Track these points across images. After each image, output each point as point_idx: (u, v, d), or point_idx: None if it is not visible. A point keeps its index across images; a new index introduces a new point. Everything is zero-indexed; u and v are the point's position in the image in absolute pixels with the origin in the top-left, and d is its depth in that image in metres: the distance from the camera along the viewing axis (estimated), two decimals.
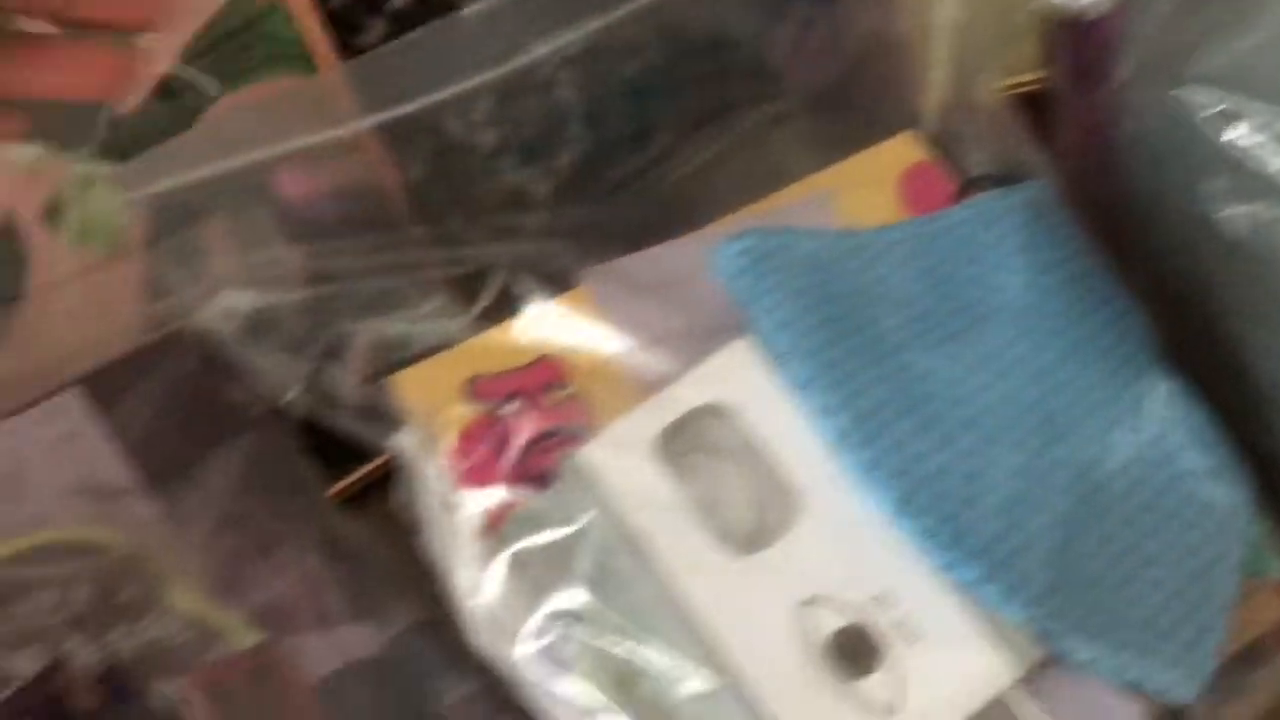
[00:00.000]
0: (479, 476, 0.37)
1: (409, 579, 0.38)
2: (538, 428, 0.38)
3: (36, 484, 0.38)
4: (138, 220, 0.43)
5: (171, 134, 0.42)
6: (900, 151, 0.43)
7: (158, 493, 0.38)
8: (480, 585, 0.37)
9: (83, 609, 0.36)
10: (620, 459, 0.36)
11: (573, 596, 0.35)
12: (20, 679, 0.35)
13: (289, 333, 0.37)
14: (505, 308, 0.40)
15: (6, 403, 0.39)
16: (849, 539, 0.35)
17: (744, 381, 0.36)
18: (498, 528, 0.37)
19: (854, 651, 0.34)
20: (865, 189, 0.42)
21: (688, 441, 0.36)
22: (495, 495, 0.37)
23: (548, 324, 0.40)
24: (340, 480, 0.44)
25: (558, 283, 0.40)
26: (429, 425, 0.38)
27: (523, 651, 0.35)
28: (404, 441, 0.39)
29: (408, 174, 0.41)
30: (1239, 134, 0.35)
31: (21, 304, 0.42)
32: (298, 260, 0.38)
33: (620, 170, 0.39)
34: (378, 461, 0.44)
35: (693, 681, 0.34)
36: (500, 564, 0.36)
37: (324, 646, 0.37)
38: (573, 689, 0.35)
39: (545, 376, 0.39)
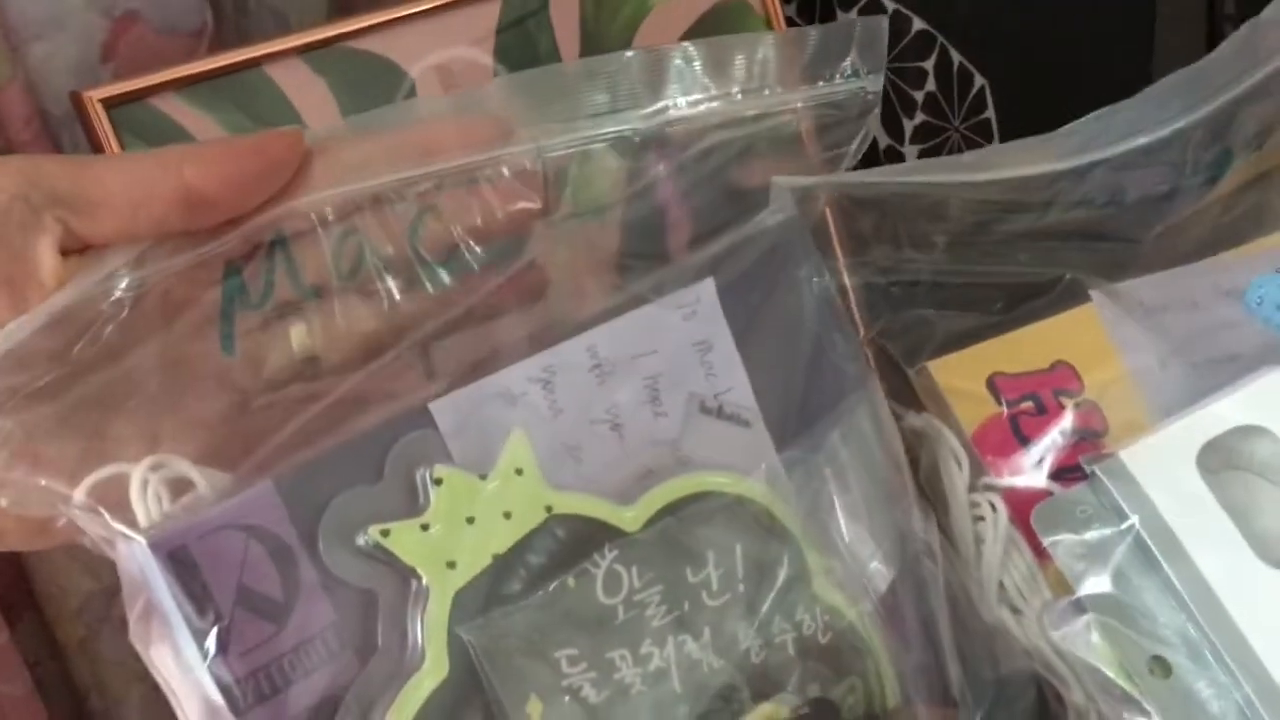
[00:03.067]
0: (1006, 465, 0.40)
1: None
2: (1058, 428, 0.41)
3: (672, 397, 0.35)
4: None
5: None
6: None
7: (780, 444, 0.36)
8: (1006, 564, 0.40)
9: (745, 588, 0.34)
10: (1162, 466, 0.38)
11: (1103, 586, 0.38)
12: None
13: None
14: (1026, 315, 0.43)
15: None
16: None
17: None
18: (1020, 513, 0.39)
19: None
20: None
21: (1222, 458, 0.39)
22: (1018, 482, 0.40)
23: (1063, 333, 0.42)
24: None
25: (1073, 297, 0.43)
26: (958, 412, 0.41)
27: (1046, 630, 0.38)
28: (929, 421, 0.42)
29: None
30: None
31: None
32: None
33: (1183, 206, 0.42)
34: None
35: (1220, 679, 0.36)
36: (1027, 548, 0.39)
37: None
38: (1095, 669, 0.38)
39: (1060, 382, 0.42)
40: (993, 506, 0.40)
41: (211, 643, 0.29)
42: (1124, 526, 0.38)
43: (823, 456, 0.36)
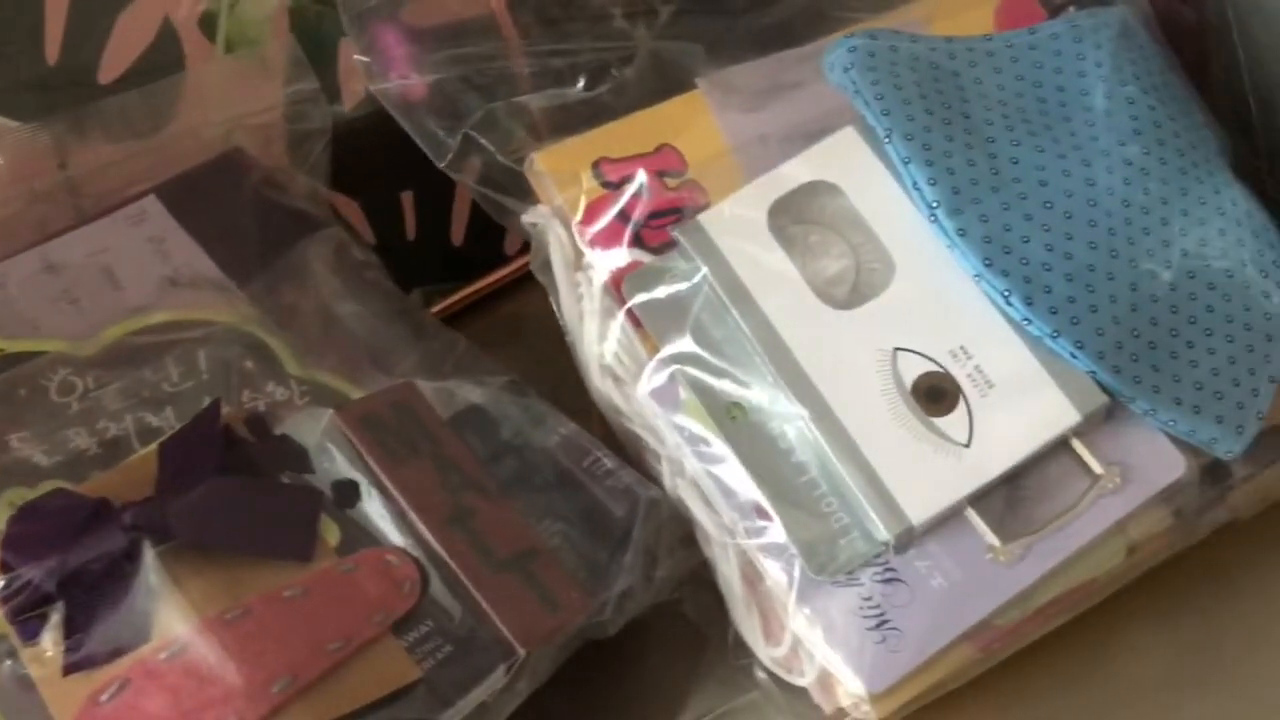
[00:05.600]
0: (604, 242, 0.42)
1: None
2: (657, 205, 0.42)
3: (132, 277, 0.42)
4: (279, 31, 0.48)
5: None
6: None
7: (244, 284, 0.43)
8: (603, 335, 0.41)
9: (210, 377, 0.40)
10: (734, 224, 0.40)
11: (685, 342, 0.40)
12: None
13: (450, 106, 0.42)
14: (634, 101, 0.44)
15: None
16: (934, 300, 0.39)
17: (848, 163, 0.40)
18: (620, 286, 0.41)
19: (933, 395, 0.38)
20: (962, 16, 0.46)
21: (793, 215, 0.41)
22: (619, 258, 0.41)
23: (669, 118, 0.44)
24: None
25: (683, 83, 0.44)
26: (561, 197, 0.43)
27: (641, 391, 0.40)
28: (539, 212, 0.43)
29: None
30: None
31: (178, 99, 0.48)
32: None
33: None
34: (477, 285, 0.52)
35: (787, 414, 0.38)
36: (621, 315, 0.41)
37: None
38: (682, 422, 0.39)
39: (665, 163, 0.43)
40: (590, 281, 0.42)
41: None
42: (696, 280, 0.40)
43: (281, 284, 0.43)
